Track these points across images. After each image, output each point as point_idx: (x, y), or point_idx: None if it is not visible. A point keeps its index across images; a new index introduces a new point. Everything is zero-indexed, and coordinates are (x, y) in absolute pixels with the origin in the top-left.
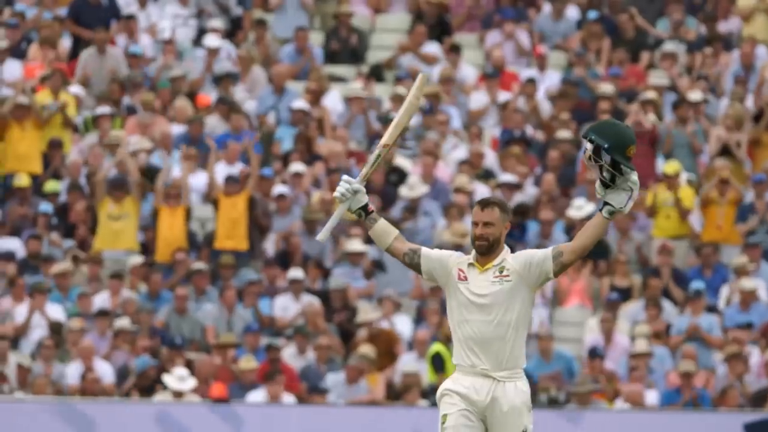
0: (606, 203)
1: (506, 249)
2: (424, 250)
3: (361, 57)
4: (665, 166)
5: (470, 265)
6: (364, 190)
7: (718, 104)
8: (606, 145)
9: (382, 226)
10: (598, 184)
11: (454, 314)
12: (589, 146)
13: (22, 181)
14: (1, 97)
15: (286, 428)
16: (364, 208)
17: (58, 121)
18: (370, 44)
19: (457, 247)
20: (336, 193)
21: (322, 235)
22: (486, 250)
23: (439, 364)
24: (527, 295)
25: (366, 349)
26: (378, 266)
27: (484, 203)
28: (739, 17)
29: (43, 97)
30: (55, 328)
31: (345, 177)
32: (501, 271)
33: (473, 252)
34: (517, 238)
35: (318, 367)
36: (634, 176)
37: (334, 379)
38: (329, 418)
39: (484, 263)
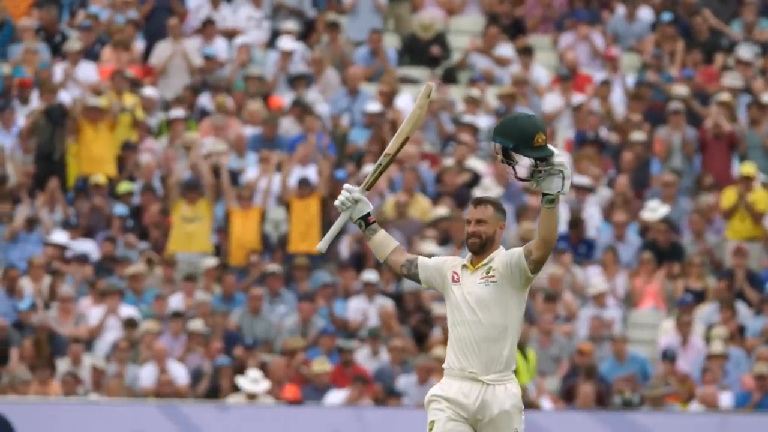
0: (544, 193)
1: (501, 249)
2: (421, 259)
3: (438, 60)
4: (741, 167)
5: (464, 266)
6: (366, 199)
7: None
8: (511, 145)
9: (380, 238)
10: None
11: (449, 317)
12: (498, 148)
13: (100, 179)
14: (75, 99)
15: (361, 431)
16: (365, 218)
17: (126, 123)
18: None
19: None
20: (336, 202)
21: (322, 244)
22: (478, 249)
23: None
24: (514, 296)
25: (440, 351)
26: None
27: (479, 201)
28: None
29: (110, 98)
30: (129, 330)
31: (346, 186)
32: (488, 272)
33: (469, 253)
34: (584, 255)
35: (391, 369)
36: (557, 158)
37: (406, 381)
38: (403, 419)
39: (476, 263)
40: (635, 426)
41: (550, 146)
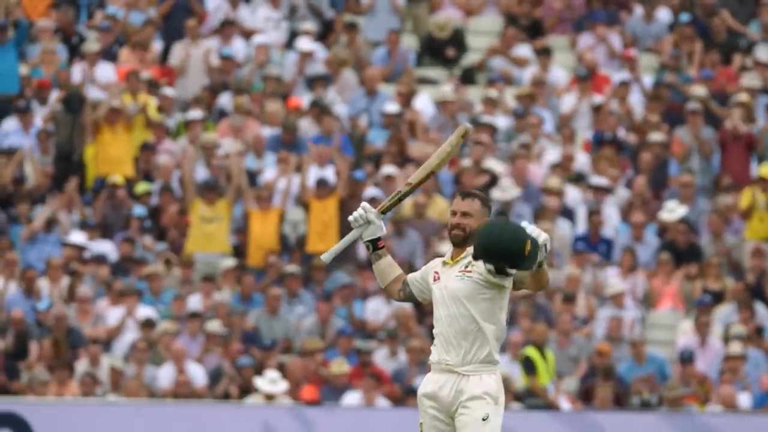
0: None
1: None
2: (410, 276)
3: (455, 60)
4: (760, 168)
5: (444, 263)
6: (380, 223)
7: None
8: (507, 267)
9: (385, 265)
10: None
11: (434, 314)
12: (490, 267)
13: (117, 179)
14: (93, 100)
15: (380, 431)
16: (375, 241)
17: (140, 123)
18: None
19: None
20: (350, 217)
21: (327, 256)
22: (461, 241)
23: (529, 367)
24: (493, 293)
25: None
26: None
27: (466, 194)
28: None
29: (125, 99)
30: (147, 331)
31: (364, 204)
32: (466, 266)
33: (449, 250)
34: (604, 255)
35: (409, 369)
36: (540, 239)
37: None
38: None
39: (455, 256)
40: (654, 427)
41: (532, 236)
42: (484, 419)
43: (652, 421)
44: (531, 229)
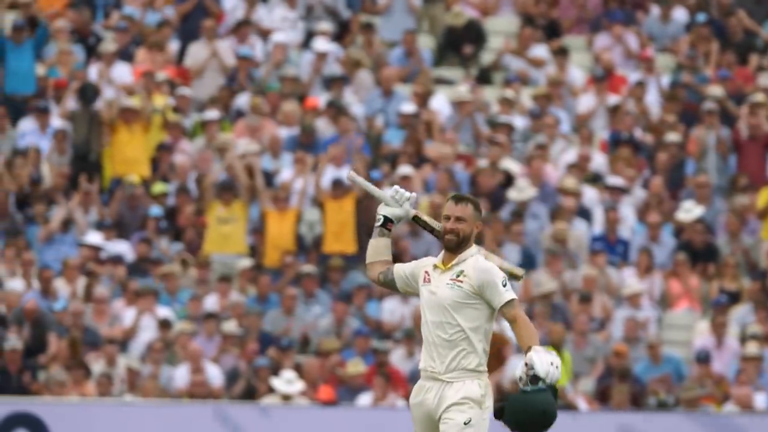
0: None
1: (475, 249)
2: (398, 265)
3: (475, 55)
4: None
5: (435, 267)
6: (406, 214)
7: None
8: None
9: (382, 244)
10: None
11: (421, 317)
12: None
13: (134, 180)
14: (109, 101)
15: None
16: (387, 221)
17: (158, 124)
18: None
19: (552, 252)
20: (396, 186)
21: (357, 178)
22: (455, 246)
23: None
24: (482, 306)
25: None
26: None
27: (459, 198)
28: None
29: (142, 99)
30: (164, 331)
31: (413, 194)
32: (457, 275)
33: (441, 253)
34: (620, 255)
35: None
36: (555, 377)
37: None
38: None
39: (448, 261)
40: (671, 427)
41: (554, 388)
42: (466, 423)
43: (668, 422)
44: (550, 373)
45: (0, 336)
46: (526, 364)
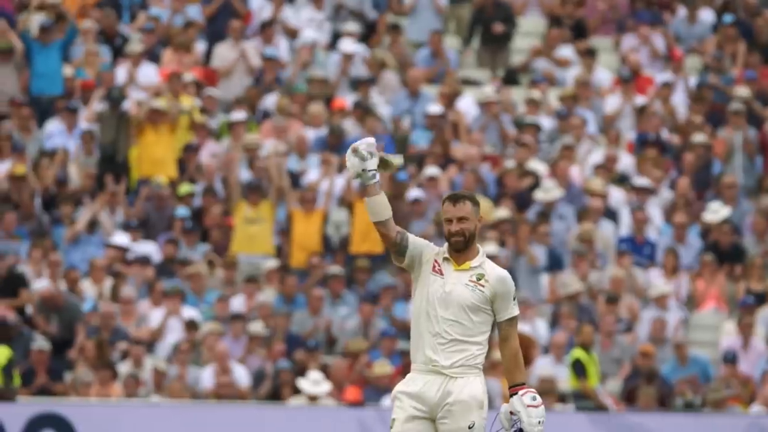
0: None
1: (480, 250)
2: (411, 235)
3: (506, 37)
4: None
5: (446, 259)
6: (399, 161)
7: None
8: None
9: (385, 199)
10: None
11: (422, 305)
12: None
13: (161, 181)
14: (137, 101)
15: None
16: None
17: (185, 125)
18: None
19: (579, 253)
20: (368, 144)
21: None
22: (463, 246)
23: (580, 370)
24: (491, 312)
25: (499, 353)
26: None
27: (455, 198)
28: None
29: (168, 100)
30: (191, 332)
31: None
32: (479, 279)
33: (446, 246)
34: (647, 256)
35: None
36: (543, 417)
37: None
38: None
39: (459, 260)
40: (697, 428)
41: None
42: (470, 427)
43: (695, 423)
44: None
45: (27, 336)
46: (512, 413)
